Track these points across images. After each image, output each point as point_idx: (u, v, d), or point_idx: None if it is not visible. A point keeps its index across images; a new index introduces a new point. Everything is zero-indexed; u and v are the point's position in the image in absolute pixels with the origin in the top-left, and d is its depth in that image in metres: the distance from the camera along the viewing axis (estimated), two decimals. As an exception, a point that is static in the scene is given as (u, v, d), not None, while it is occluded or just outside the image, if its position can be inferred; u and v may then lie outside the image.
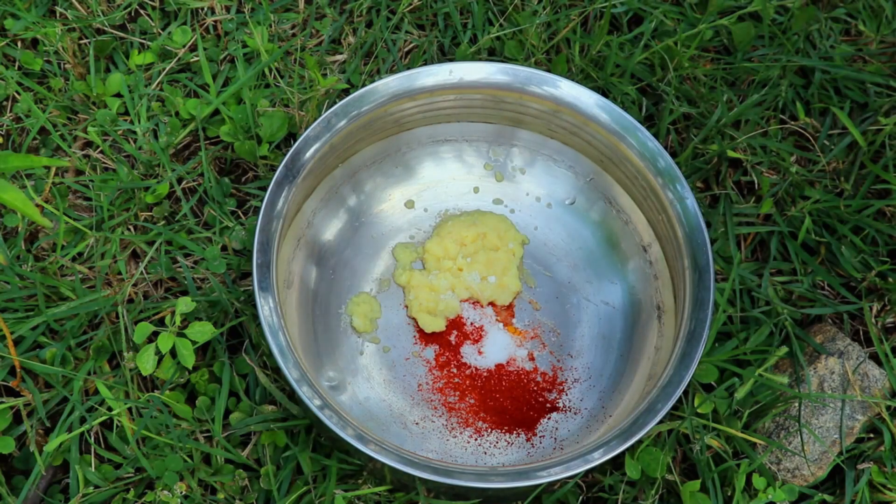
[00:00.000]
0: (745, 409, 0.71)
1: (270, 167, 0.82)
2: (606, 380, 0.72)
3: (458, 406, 0.71)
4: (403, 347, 0.74)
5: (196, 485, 0.68)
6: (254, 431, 0.70)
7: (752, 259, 0.81)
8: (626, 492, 0.68)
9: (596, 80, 0.85)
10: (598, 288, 0.76)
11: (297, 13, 0.90)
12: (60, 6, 0.88)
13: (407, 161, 0.78)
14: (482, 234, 0.76)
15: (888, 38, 0.91)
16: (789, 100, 0.86)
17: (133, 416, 0.70)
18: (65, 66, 0.86)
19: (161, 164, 0.81)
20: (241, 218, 0.80)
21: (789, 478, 0.70)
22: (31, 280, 0.73)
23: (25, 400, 0.70)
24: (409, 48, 0.89)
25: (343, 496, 0.67)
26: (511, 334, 0.75)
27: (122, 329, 0.72)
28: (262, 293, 0.63)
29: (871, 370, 0.74)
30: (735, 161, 0.84)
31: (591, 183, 0.77)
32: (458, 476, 0.59)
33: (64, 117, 0.83)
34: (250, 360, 0.71)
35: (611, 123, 0.71)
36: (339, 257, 0.76)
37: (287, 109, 0.83)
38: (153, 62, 0.87)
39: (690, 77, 0.87)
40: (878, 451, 0.72)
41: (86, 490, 0.67)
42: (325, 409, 0.60)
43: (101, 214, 0.77)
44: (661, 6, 0.89)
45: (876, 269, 0.78)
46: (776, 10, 0.91)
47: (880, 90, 0.87)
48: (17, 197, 0.49)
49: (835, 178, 0.83)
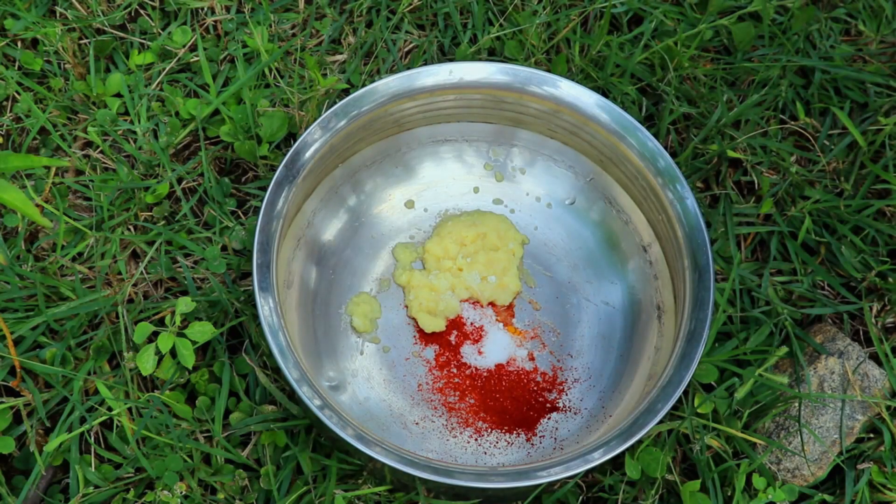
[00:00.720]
0: (745, 409, 0.71)
1: (270, 167, 0.82)
2: (606, 380, 0.72)
3: (458, 406, 0.71)
4: (403, 347, 0.74)
5: (196, 485, 0.68)
6: (254, 431, 0.70)
7: (752, 259, 0.81)
8: (626, 492, 0.68)
9: (596, 80, 0.85)
10: (598, 288, 0.76)
11: (297, 13, 0.90)
12: (60, 6, 0.88)
13: (407, 161, 0.78)
14: (482, 234, 0.76)
15: (888, 38, 0.91)
16: (789, 100, 0.86)
17: (133, 416, 0.70)
18: (65, 66, 0.86)
19: (161, 164, 0.81)
20: (241, 218, 0.80)
21: (789, 478, 0.70)
22: (31, 280, 0.73)
23: (25, 400, 0.70)
24: (409, 48, 0.89)
25: (343, 496, 0.67)
26: (511, 334, 0.75)
27: (122, 329, 0.72)
28: (262, 293, 0.63)
29: (871, 370, 0.74)
30: (735, 161, 0.84)
31: (591, 183, 0.77)
32: (458, 476, 0.59)
33: (64, 117, 0.83)
34: (250, 360, 0.71)
35: (611, 123, 0.71)
36: (339, 257, 0.76)
37: (287, 109, 0.83)
38: (153, 62, 0.87)
39: (690, 77, 0.87)
40: (878, 451, 0.72)
41: (86, 490, 0.67)
42: (325, 409, 0.60)
43: (101, 214, 0.77)
44: (661, 6, 0.89)
45: (876, 269, 0.78)
46: (776, 10, 0.91)
47: (880, 90, 0.87)
48: (17, 197, 0.49)
49: (835, 178, 0.83)
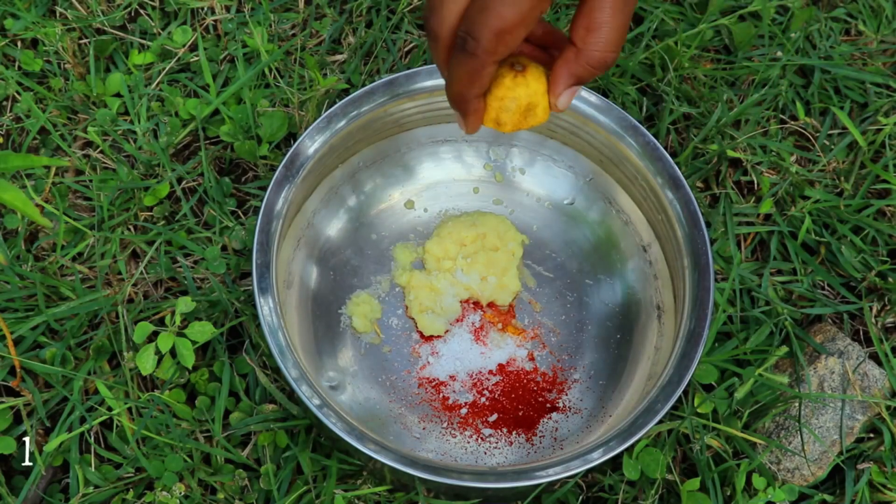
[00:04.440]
0: (745, 409, 0.71)
1: (270, 167, 0.82)
2: (606, 380, 0.72)
3: (457, 406, 0.71)
4: (403, 348, 0.74)
5: (196, 485, 0.68)
6: (254, 431, 0.70)
7: (752, 259, 0.81)
8: (625, 492, 0.68)
9: (596, 81, 0.85)
10: (598, 288, 0.76)
11: (297, 13, 0.90)
12: (60, 6, 0.88)
13: (407, 161, 0.78)
14: (482, 234, 0.76)
15: (888, 38, 0.91)
16: (789, 100, 0.86)
17: (133, 416, 0.70)
18: (65, 66, 0.86)
19: (161, 164, 0.81)
20: (241, 218, 0.80)
21: (789, 478, 0.70)
22: (31, 280, 0.73)
23: (25, 400, 0.70)
24: (409, 48, 0.89)
25: (343, 496, 0.67)
26: (511, 334, 0.75)
27: (122, 329, 0.72)
28: (261, 293, 0.63)
29: (871, 370, 0.74)
30: (735, 161, 0.84)
31: (591, 183, 0.77)
32: (458, 476, 0.59)
33: (64, 117, 0.83)
34: (250, 360, 0.71)
35: (610, 123, 0.71)
36: (339, 257, 0.76)
37: (287, 109, 0.83)
38: (153, 62, 0.87)
39: (690, 77, 0.87)
40: (878, 451, 0.72)
41: (86, 490, 0.67)
42: (325, 409, 0.60)
43: (101, 214, 0.77)
44: (661, 6, 0.89)
45: (876, 269, 0.78)
46: (776, 10, 0.91)
47: (880, 90, 0.87)
48: (17, 197, 0.49)
49: (835, 178, 0.83)
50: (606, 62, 0.50)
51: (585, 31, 0.49)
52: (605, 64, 0.50)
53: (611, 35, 0.48)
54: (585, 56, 0.49)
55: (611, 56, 0.49)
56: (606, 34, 0.48)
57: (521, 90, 0.51)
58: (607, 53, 0.49)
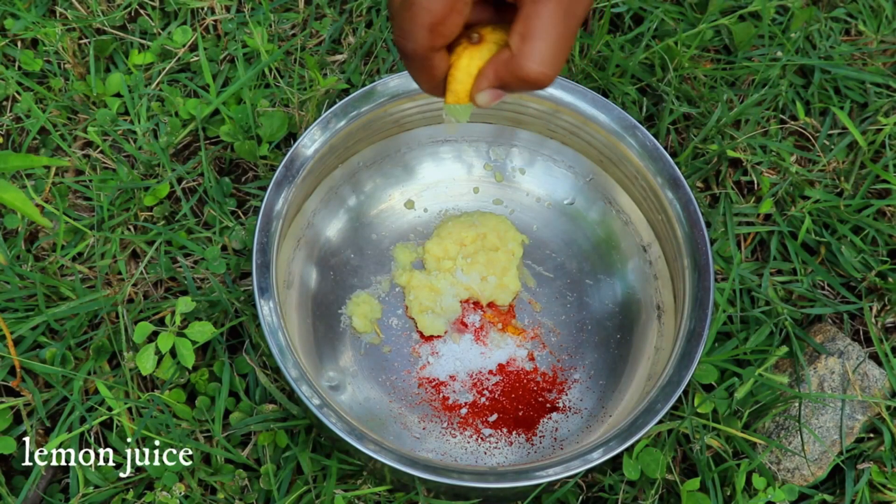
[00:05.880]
0: (745, 409, 0.71)
1: (270, 167, 0.82)
2: (606, 380, 0.72)
3: (457, 406, 0.71)
4: (403, 348, 0.74)
5: (196, 485, 0.68)
6: (254, 431, 0.70)
7: (752, 259, 0.81)
8: (625, 492, 0.68)
9: (596, 81, 0.85)
10: (598, 288, 0.76)
11: (297, 13, 0.90)
12: (60, 6, 0.88)
13: (407, 161, 0.78)
14: (482, 234, 0.76)
15: (888, 38, 0.91)
16: (789, 100, 0.86)
17: (133, 416, 0.70)
18: (65, 66, 0.86)
19: (161, 164, 0.81)
20: (241, 218, 0.80)
21: (789, 478, 0.70)
22: (31, 280, 0.73)
23: (25, 400, 0.70)
24: (409, 48, 0.89)
25: (343, 496, 0.67)
26: (511, 334, 0.75)
27: (122, 329, 0.72)
28: (261, 293, 0.63)
29: (871, 370, 0.74)
30: (735, 161, 0.84)
31: (591, 183, 0.77)
32: (458, 476, 0.59)
33: (64, 117, 0.83)
34: (250, 360, 0.71)
35: (610, 123, 0.71)
36: (339, 257, 0.76)
37: (287, 109, 0.83)
38: (153, 62, 0.87)
39: (690, 77, 0.87)
40: (878, 451, 0.72)
41: (86, 490, 0.67)
42: (325, 409, 0.60)
43: (101, 214, 0.77)
44: (661, 6, 0.89)
45: (876, 269, 0.78)
46: (776, 9, 0.91)
47: (880, 90, 0.87)
48: (17, 197, 0.49)
49: (835, 178, 0.83)
50: (539, 81, 0.45)
51: (520, 38, 0.45)
52: (538, 82, 0.45)
53: (546, 50, 0.44)
54: (516, 65, 0.45)
55: (544, 75, 0.45)
56: (541, 48, 0.44)
57: (474, 62, 0.48)
58: (541, 70, 0.45)
